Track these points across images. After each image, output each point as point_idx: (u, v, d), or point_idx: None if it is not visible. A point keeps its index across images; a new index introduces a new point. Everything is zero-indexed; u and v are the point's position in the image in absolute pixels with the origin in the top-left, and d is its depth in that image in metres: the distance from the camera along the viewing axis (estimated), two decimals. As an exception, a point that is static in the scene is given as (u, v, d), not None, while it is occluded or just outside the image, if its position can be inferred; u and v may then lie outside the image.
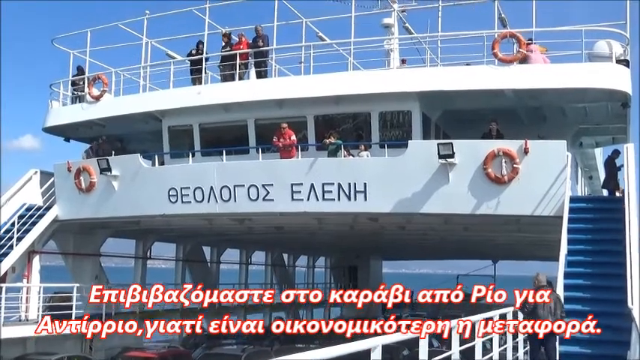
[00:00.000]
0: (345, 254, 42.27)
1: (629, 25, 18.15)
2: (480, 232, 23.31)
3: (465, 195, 17.71)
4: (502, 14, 21.50)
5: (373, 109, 19.90)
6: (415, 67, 21.75)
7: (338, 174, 18.90)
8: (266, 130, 20.63)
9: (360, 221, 21.32)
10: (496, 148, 17.49)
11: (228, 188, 19.91)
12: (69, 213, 23.10)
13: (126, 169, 21.63)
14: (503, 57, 18.34)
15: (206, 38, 22.44)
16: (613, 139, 23.78)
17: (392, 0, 24.85)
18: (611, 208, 16.80)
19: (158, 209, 21.12)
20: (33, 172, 24.43)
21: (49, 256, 25.41)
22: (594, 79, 17.92)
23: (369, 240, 30.72)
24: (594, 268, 15.09)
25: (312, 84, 20.14)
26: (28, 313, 22.27)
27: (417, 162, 18.14)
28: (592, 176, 30.22)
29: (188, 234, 28.19)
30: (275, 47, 21.77)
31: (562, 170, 17.04)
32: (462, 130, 20.34)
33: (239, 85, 21.31)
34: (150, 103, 22.26)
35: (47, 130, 25.09)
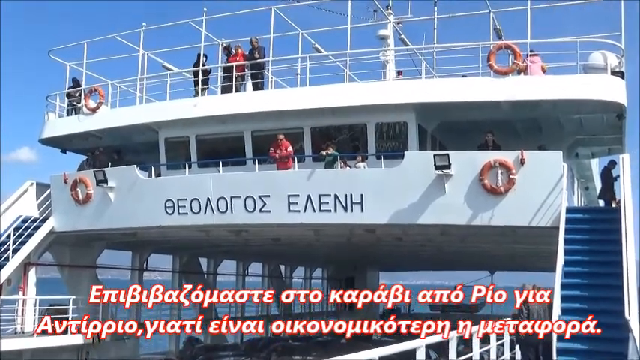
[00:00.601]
0: (342, 265, 42.20)
1: (623, 37, 18.30)
2: (477, 243, 23.31)
3: (461, 206, 17.73)
4: (497, 26, 21.65)
5: (369, 121, 19.94)
6: (411, 79, 21.83)
7: (334, 185, 18.92)
8: (263, 141, 20.65)
9: (357, 232, 21.30)
10: (492, 159, 17.53)
11: (225, 200, 19.91)
12: (65, 225, 23.05)
13: (122, 181, 21.62)
14: (498, 68, 18.44)
15: (202, 50, 22.49)
16: (609, 150, 23.85)
17: (388, 12, 24.98)
18: (608, 219, 16.82)
19: (155, 221, 21.08)
20: (29, 184, 24.41)
21: (45, 268, 25.31)
22: (589, 90, 17.99)
23: (366, 251, 30.68)
24: (591, 278, 15.08)
25: (309, 95, 20.18)
26: (24, 326, 22.19)
27: (413, 173, 18.17)
28: (588, 187, 30.28)
29: (185, 245, 28.13)
30: (271, 59, 21.84)
31: (558, 181, 17.08)
32: (459, 141, 20.40)
33: (235, 97, 21.34)
34: (146, 114, 22.27)
35: (44, 142, 25.08)
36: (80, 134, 23.79)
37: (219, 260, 32.78)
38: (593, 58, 18.56)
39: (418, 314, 48.86)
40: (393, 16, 25.23)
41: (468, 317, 35.15)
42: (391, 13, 25.16)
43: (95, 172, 21.82)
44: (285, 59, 22.62)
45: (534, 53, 19.02)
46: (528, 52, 18.79)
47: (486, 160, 17.53)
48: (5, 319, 21.26)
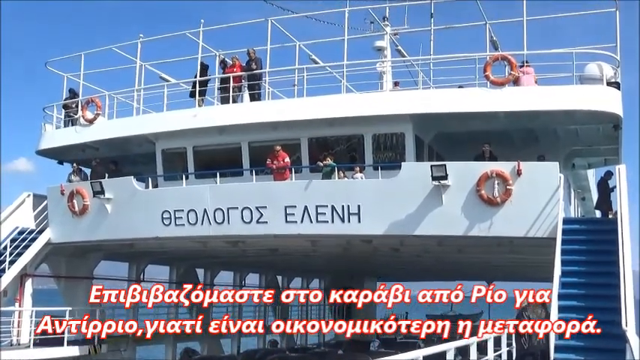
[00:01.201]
0: (340, 276, 42.11)
1: (619, 48, 18.38)
2: (474, 253, 23.31)
3: (458, 216, 17.74)
4: (493, 37, 21.73)
5: (366, 132, 19.97)
6: (408, 90, 21.86)
7: (332, 196, 18.92)
8: (260, 152, 20.65)
9: (354, 243, 21.30)
10: (489, 169, 17.56)
11: (222, 211, 19.88)
12: (62, 236, 22.98)
13: (119, 192, 21.58)
14: (495, 79, 18.49)
15: (199, 61, 22.51)
16: (605, 160, 23.93)
17: (384, 23, 25.07)
18: (605, 230, 16.84)
19: (152, 232, 21.04)
20: (26, 195, 24.35)
21: (42, 280, 25.24)
22: (585, 101, 18.07)
23: (363, 262, 30.66)
24: (588, 289, 15.08)
25: (306, 106, 20.21)
26: (20, 338, 22.09)
27: (410, 184, 18.18)
28: (585, 197, 30.31)
29: (181, 256, 28.08)
30: (268, 70, 21.88)
31: (555, 192, 17.09)
32: (455, 151, 20.42)
33: (233, 108, 21.37)
34: (143, 126, 22.28)
35: (40, 153, 25.06)
36: (77, 145, 23.76)
37: (216, 271, 32.71)
38: (589, 69, 18.64)
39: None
40: (390, 28, 25.36)
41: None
42: (388, 25, 25.28)
43: (92, 184, 21.79)
44: (283, 70, 22.70)
45: (528, 64, 19.09)
46: (524, 62, 18.87)
47: (483, 171, 17.56)
48: (1, 330, 21.14)
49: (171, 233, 20.74)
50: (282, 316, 37.31)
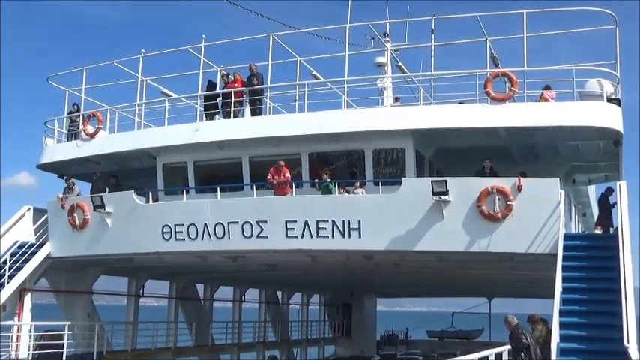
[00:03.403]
0: (340, 291, 42.11)
1: (619, 64, 18.44)
2: (475, 269, 23.25)
3: (458, 232, 17.71)
4: (494, 53, 21.84)
5: (367, 147, 19.99)
6: (408, 105, 21.90)
7: (332, 211, 18.89)
8: (260, 167, 20.66)
9: (354, 258, 21.25)
10: (489, 185, 17.55)
11: (222, 225, 19.85)
12: (62, 250, 22.90)
13: (120, 206, 21.55)
14: (495, 95, 18.55)
15: (200, 77, 22.59)
16: (605, 176, 23.93)
17: (385, 39, 25.16)
18: (606, 246, 16.80)
19: (152, 246, 20.98)
20: (26, 209, 24.33)
21: (41, 294, 25.14)
22: (586, 117, 18.12)
23: (364, 277, 30.59)
24: (589, 305, 15.04)
25: (307, 122, 20.25)
26: (19, 352, 21.96)
27: (410, 199, 18.17)
28: (585, 213, 30.29)
29: (181, 271, 28.02)
30: (269, 85, 21.95)
31: (555, 207, 17.08)
32: (456, 167, 20.42)
33: (233, 123, 21.40)
34: (144, 140, 22.32)
35: (42, 168, 25.07)
36: (78, 160, 23.78)
37: (216, 286, 32.66)
38: (590, 86, 18.71)
39: (416, 341, 48.69)
40: (391, 44, 25.44)
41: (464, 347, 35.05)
42: (388, 41, 25.36)
43: (92, 198, 21.77)
44: (284, 85, 22.77)
45: (550, 88, 19.13)
46: (546, 86, 18.92)
47: (484, 187, 17.56)
48: (0, 345, 21.04)
49: (171, 248, 20.69)
50: (282, 333, 37.22)
